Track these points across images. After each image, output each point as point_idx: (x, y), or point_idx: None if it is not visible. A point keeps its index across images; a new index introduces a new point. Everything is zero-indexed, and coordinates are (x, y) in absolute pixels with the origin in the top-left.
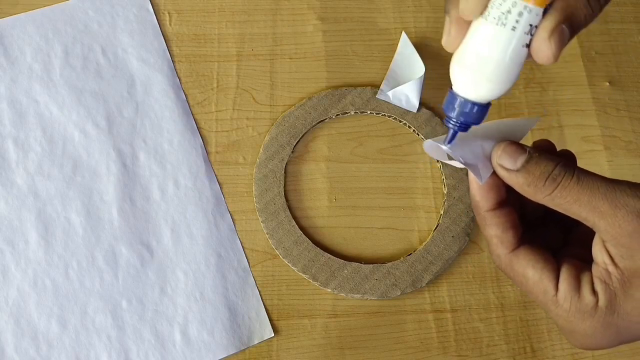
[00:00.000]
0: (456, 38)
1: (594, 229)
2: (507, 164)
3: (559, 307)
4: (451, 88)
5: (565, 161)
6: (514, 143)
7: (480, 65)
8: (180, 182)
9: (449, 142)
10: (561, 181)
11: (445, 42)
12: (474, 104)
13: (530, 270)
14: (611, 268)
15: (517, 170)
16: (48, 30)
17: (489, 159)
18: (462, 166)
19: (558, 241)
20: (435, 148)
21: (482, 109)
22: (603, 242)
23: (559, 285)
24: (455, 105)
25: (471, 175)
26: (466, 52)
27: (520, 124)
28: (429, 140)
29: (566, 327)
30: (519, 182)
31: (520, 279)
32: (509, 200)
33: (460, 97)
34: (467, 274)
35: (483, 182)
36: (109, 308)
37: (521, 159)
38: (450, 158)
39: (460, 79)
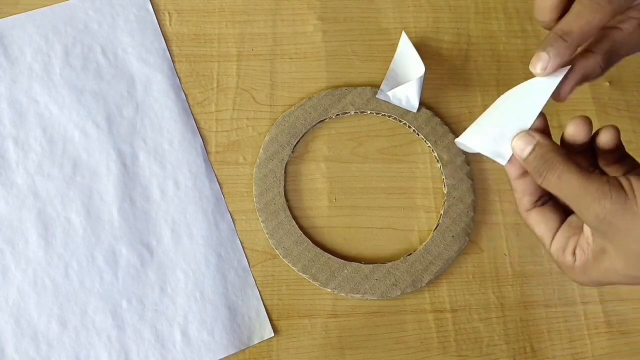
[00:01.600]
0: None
1: None
2: (517, 152)
3: (552, 256)
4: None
5: (554, 155)
6: (527, 134)
7: None
8: (180, 182)
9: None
10: (546, 175)
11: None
12: None
13: (536, 228)
14: (590, 240)
15: (524, 160)
16: (48, 30)
17: (511, 140)
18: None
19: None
20: (462, 145)
21: None
22: None
23: (553, 242)
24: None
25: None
26: None
27: (542, 86)
28: (456, 139)
29: (558, 267)
30: (527, 168)
31: (532, 230)
32: None
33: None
34: (467, 274)
35: (506, 163)
36: (109, 308)
37: (527, 150)
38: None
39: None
